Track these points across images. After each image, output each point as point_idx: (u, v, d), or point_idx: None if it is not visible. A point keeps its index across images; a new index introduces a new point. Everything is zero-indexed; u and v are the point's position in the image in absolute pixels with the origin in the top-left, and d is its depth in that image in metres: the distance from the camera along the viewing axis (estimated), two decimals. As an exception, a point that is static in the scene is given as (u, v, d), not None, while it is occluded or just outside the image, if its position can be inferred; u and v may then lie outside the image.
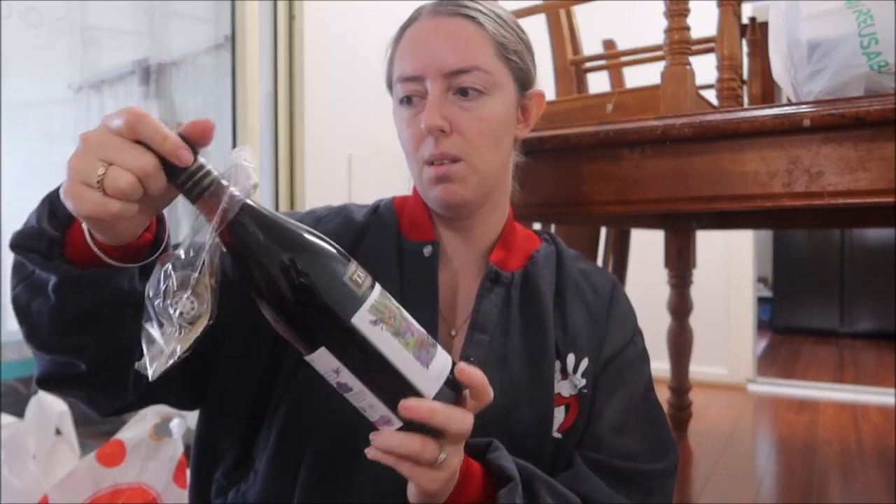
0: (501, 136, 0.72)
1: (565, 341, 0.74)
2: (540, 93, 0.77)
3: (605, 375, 0.75)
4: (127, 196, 0.47)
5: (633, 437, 0.73)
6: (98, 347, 0.59)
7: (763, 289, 4.69)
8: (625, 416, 0.74)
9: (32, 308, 0.57)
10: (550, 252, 0.80)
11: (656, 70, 1.16)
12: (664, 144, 1.01)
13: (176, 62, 2.25)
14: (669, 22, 1.11)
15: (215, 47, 2.15)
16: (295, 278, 0.48)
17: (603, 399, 0.74)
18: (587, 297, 0.78)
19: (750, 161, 0.95)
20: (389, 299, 0.52)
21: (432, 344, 0.53)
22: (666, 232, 2.29)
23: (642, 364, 0.79)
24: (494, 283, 0.74)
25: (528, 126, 0.77)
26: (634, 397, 0.76)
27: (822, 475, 2.00)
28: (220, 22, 2.12)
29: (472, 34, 0.70)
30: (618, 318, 0.78)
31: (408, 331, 0.51)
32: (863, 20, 0.91)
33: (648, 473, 0.72)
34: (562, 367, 0.73)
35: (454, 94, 0.69)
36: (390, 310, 0.51)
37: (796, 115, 0.91)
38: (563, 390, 0.73)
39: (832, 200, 0.90)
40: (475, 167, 0.70)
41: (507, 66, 0.72)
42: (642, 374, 0.78)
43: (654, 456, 0.74)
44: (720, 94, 1.20)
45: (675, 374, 2.39)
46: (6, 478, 1.16)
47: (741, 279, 3.18)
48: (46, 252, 0.56)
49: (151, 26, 2.32)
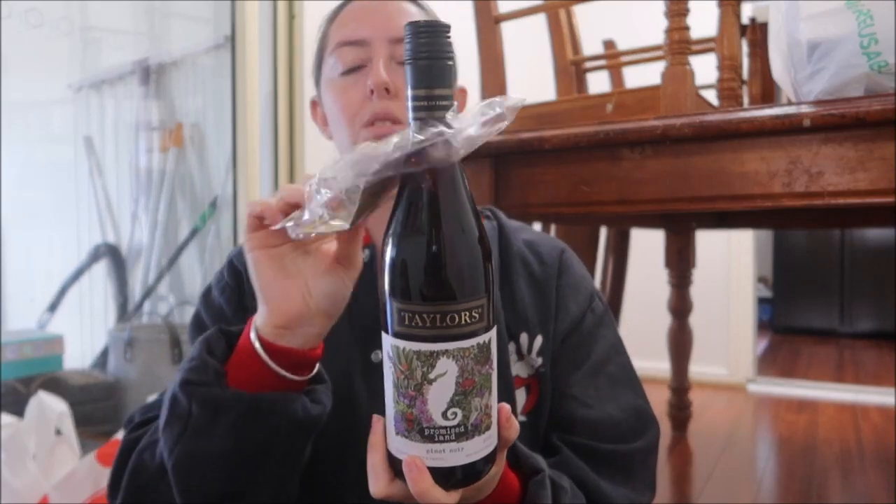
0: None
1: (516, 320, 0.72)
2: (463, 89, 0.77)
3: (565, 349, 0.73)
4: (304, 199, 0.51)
5: (609, 406, 0.71)
6: (262, 489, 0.58)
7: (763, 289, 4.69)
8: (595, 388, 0.72)
9: (198, 460, 0.56)
10: (492, 229, 0.77)
11: (656, 70, 1.16)
12: (664, 144, 1.01)
13: (176, 62, 2.25)
14: (669, 22, 1.11)
15: (215, 47, 2.15)
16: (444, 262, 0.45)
17: (567, 375, 0.72)
18: (534, 269, 0.75)
19: (750, 161, 0.95)
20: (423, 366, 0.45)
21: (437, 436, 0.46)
22: (666, 232, 2.29)
23: (605, 329, 0.76)
24: None
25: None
26: (602, 366, 0.73)
27: (822, 475, 2.00)
28: (220, 22, 2.12)
29: (412, 9, 0.72)
30: (570, 287, 0.75)
31: (409, 400, 0.46)
32: (863, 20, 0.91)
33: (631, 453, 0.71)
34: (517, 349, 0.72)
35: (398, 63, 0.69)
36: (412, 370, 0.46)
37: (796, 115, 0.91)
38: (520, 371, 0.72)
39: (832, 200, 0.90)
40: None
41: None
42: (606, 340, 0.75)
43: (636, 427, 0.72)
44: (720, 94, 1.20)
45: (675, 374, 2.39)
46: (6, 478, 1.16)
47: (741, 279, 3.18)
48: (215, 383, 0.55)
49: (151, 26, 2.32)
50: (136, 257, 2.23)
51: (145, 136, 2.21)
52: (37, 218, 2.13)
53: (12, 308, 2.06)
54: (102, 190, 2.24)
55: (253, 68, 2.04)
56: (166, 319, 2.06)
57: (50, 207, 2.18)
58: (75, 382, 1.77)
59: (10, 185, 1.92)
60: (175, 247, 2.21)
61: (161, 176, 2.22)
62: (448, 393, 0.45)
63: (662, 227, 2.24)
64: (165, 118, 2.23)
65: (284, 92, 2.14)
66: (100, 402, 1.80)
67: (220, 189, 2.15)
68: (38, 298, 2.07)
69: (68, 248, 2.17)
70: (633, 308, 2.50)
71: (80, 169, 2.21)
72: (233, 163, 2.07)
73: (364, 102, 0.69)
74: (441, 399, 0.45)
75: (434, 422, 0.46)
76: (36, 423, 1.27)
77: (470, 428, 0.46)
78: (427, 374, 0.45)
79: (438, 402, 0.45)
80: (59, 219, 2.21)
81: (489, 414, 0.48)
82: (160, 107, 2.23)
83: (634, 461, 0.71)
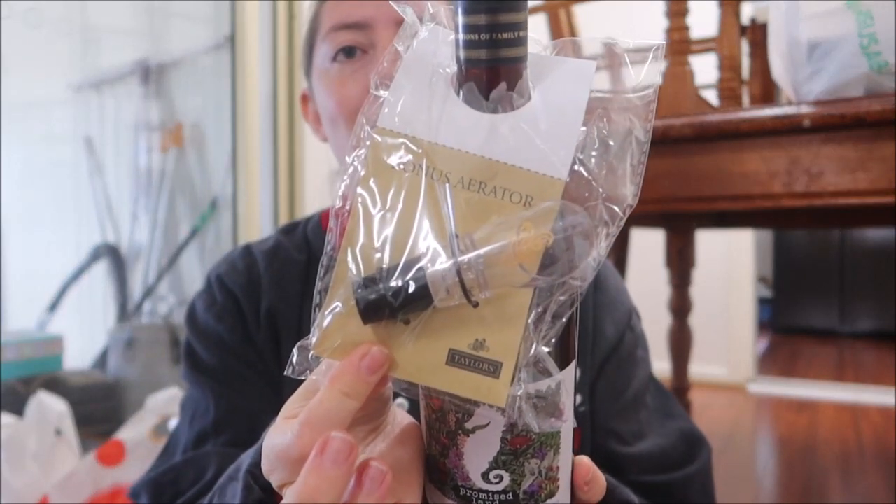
0: None
1: None
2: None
3: (604, 377, 0.64)
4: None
5: (654, 437, 0.63)
6: None
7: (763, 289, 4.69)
8: (638, 422, 0.63)
9: None
10: None
11: (656, 70, 1.16)
12: (664, 144, 1.01)
13: (176, 62, 2.25)
14: (669, 22, 1.11)
15: (215, 47, 2.15)
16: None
17: (607, 407, 0.63)
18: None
19: (750, 161, 0.95)
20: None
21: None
22: (666, 232, 2.29)
23: (642, 351, 0.68)
24: None
25: None
26: (642, 395, 0.65)
27: (822, 475, 2.00)
28: (220, 22, 2.12)
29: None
30: (605, 306, 0.65)
31: (442, 447, 0.35)
32: (863, 20, 0.91)
33: (685, 481, 0.62)
34: None
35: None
36: (445, 414, 0.34)
37: (796, 115, 0.91)
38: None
39: (832, 200, 0.90)
40: None
41: None
42: (645, 364, 0.67)
43: (687, 452, 0.64)
44: (720, 94, 1.20)
45: (675, 374, 2.39)
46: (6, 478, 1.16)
47: (741, 279, 3.18)
48: None
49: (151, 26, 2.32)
50: (135, 257, 2.23)
51: (145, 136, 2.21)
52: (37, 218, 2.13)
53: (12, 308, 2.06)
54: (102, 190, 2.24)
55: (253, 68, 2.04)
56: (166, 319, 2.06)
57: (50, 207, 2.18)
58: (75, 382, 1.77)
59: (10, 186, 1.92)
60: (175, 247, 2.21)
61: (161, 176, 2.22)
62: (490, 451, 0.33)
63: (662, 227, 2.24)
64: (165, 118, 2.23)
65: (284, 92, 2.14)
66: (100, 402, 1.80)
67: (220, 189, 2.15)
68: (38, 298, 2.07)
69: (68, 248, 2.17)
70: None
71: (80, 169, 2.21)
72: (233, 163, 2.07)
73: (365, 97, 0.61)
74: (481, 458, 0.33)
75: (472, 482, 0.34)
76: (36, 423, 1.27)
77: (522, 497, 0.34)
78: (463, 424, 0.33)
79: (477, 462, 0.34)
80: (59, 219, 2.21)
81: (553, 479, 0.35)
82: (160, 107, 2.23)
83: (693, 487, 0.63)
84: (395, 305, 0.29)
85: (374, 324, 0.30)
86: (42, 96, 2.20)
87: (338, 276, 0.31)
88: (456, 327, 0.29)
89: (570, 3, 1.66)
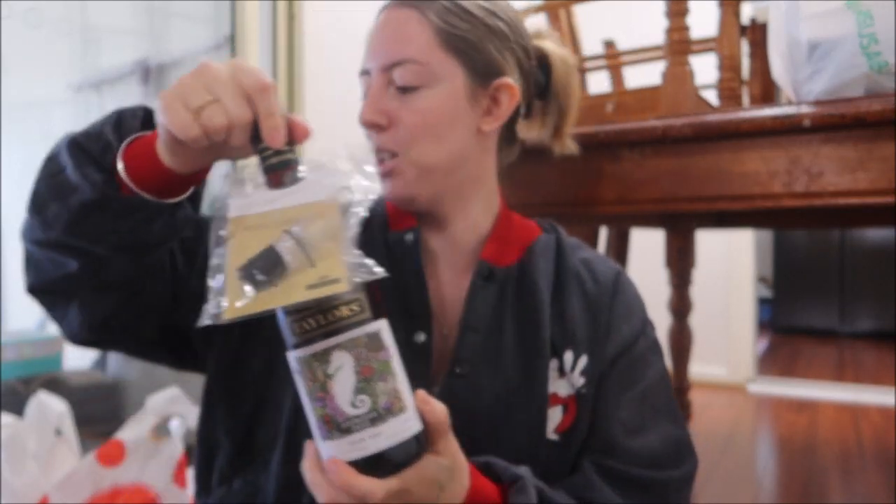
0: (444, 128, 0.68)
1: (563, 337, 0.70)
2: (508, 83, 0.70)
3: (615, 371, 0.71)
4: (210, 133, 0.52)
5: (652, 436, 0.69)
6: (105, 254, 0.60)
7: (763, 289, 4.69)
8: (641, 415, 0.70)
9: (50, 210, 0.59)
10: (550, 242, 0.75)
11: (656, 70, 1.16)
12: (664, 144, 1.01)
13: (176, 62, 2.25)
14: (669, 22, 1.11)
15: (215, 47, 2.15)
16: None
17: (614, 398, 0.70)
18: (588, 287, 0.73)
19: (750, 161, 0.95)
20: (326, 364, 0.50)
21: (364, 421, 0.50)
22: (666, 232, 2.29)
23: (655, 356, 0.74)
24: (488, 279, 0.71)
25: (497, 119, 0.71)
26: (650, 393, 0.71)
27: (822, 475, 2.00)
28: (220, 22, 2.12)
29: (412, 25, 0.68)
30: (623, 309, 0.73)
31: (321, 401, 0.50)
32: (863, 20, 0.91)
33: (666, 482, 0.68)
34: (559, 365, 0.69)
35: (395, 88, 0.68)
36: (314, 373, 0.50)
37: (796, 115, 0.91)
38: (560, 389, 0.69)
39: (832, 200, 0.90)
40: (413, 161, 0.68)
41: (455, 55, 0.68)
42: (656, 368, 0.73)
43: (675, 457, 0.70)
44: (720, 94, 1.20)
45: (675, 374, 2.39)
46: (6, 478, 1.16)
47: (741, 279, 3.18)
48: (100, 156, 0.58)
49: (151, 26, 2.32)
50: (136, 257, 2.22)
51: (145, 136, 2.21)
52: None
53: (12, 308, 2.06)
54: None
55: (253, 68, 2.04)
56: (166, 319, 2.05)
57: (50, 207, 2.18)
58: (75, 382, 1.76)
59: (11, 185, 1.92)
60: (175, 247, 2.21)
61: (161, 176, 2.21)
62: (350, 382, 0.50)
63: (662, 227, 2.25)
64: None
65: (284, 92, 2.14)
66: (100, 402, 1.80)
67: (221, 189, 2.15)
68: (38, 298, 2.07)
69: (68, 248, 2.17)
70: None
71: (80, 169, 2.21)
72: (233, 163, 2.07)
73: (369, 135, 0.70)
74: (346, 390, 0.50)
75: (346, 413, 0.50)
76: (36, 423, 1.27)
77: (382, 411, 0.50)
78: (326, 371, 0.50)
79: (344, 393, 0.50)
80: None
81: (400, 398, 0.51)
82: (160, 107, 2.22)
83: (668, 490, 0.69)
84: (269, 278, 0.49)
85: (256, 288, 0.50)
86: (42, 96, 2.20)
87: (230, 262, 0.50)
88: (304, 271, 0.49)
89: (570, 3, 1.66)
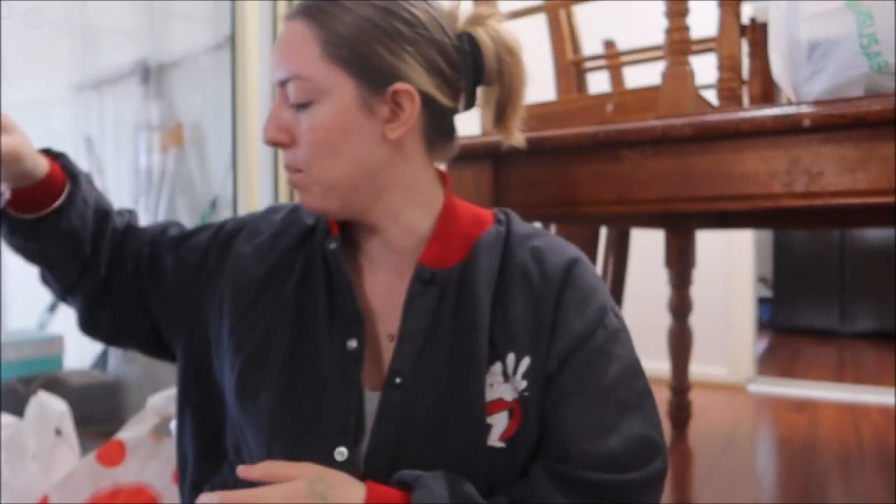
0: (338, 143, 0.65)
1: (506, 339, 0.66)
2: (405, 88, 0.65)
3: (569, 369, 0.66)
4: None
5: (614, 437, 0.64)
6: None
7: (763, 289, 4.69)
8: (601, 415, 0.65)
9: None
10: (497, 235, 0.71)
11: (656, 70, 1.16)
12: (664, 144, 1.01)
13: (176, 62, 2.25)
14: (669, 22, 1.11)
15: (215, 47, 2.15)
16: None
17: (570, 398, 0.65)
18: (533, 282, 0.68)
19: (750, 161, 0.95)
20: None
21: None
22: (666, 232, 2.29)
23: (620, 348, 0.68)
24: (428, 283, 0.68)
25: (404, 124, 0.67)
26: (612, 390, 0.66)
27: (822, 475, 2.00)
28: (220, 22, 2.12)
29: (300, 38, 0.65)
30: (574, 302, 0.67)
31: None
32: (863, 20, 0.91)
33: (622, 485, 0.63)
34: (503, 369, 0.66)
35: (292, 105, 0.66)
36: None
37: (796, 115, 0.91)
38: (505, 394, 0.65)
39: (832, 200, 0.90)
40: (314, 178, 0.67)
41: (340, 65, 0.64)
42: (621, 360, 0.67)
43: (639, 458, 0.64)
44: (720, 94, 1.20)
45: (675, 374, 2.39)
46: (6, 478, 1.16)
47: (741, 279, 3.18)
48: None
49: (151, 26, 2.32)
50: (136, 257, 2.22)
51: (145, 136, 2.21)
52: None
53: (12, 308, 2.06)
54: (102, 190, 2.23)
55: (253, 68, 2.03)
56: (166, 319, 2.05)
57: (50, 207, 2.18)
58: (75, 382, 1.77)
59: (10, 185, 1.92)
60: (175, 247, 2.21)
61: (161, 176, 2.22)
62: None
63: (662, 227, 2.25)
64: (165, 118, 2.23)
65: (284, 92, 2.13)
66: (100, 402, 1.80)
67: (220, 189, 2.15)
68: (38, 298, 2.07)
69: (68, 248, 2.17)
70: (633, 308, 2.50)
71: (80, 169, 2.21)
72: (233, 163, 2.07)
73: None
74: None
75: None
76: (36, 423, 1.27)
77: None
78: None
79: None
80: (59, 219, 2.20)
81: None
82: (160, 107, 2.23)
83: (629, 493, 0.63)
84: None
85: None
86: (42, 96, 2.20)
87: None
88: None
89: (570, 3, 1.66)
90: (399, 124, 0.67)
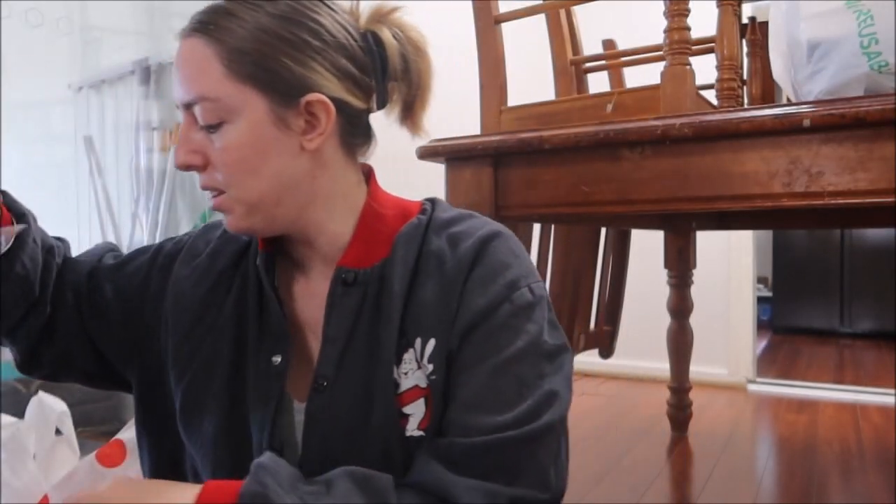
0: (257, 162, 0.64)
1: (414, 326, 0.64)
2: (318, 99, 0.64)
3: (468, 345, 0.63)
4: None
5: (503, 414, 0.59)
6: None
7: (763, 289, 4.69)
8: (494, 391, 0.61)
9: None
10: (417, 226, 0.69)
11: (656, 70, 1.16)
12: (664, 144, 1.01)
13: (176, 62, 2.25)
14: (669, 22, 1.11)
15: (215, 47, 2.15)
16: None
17: (464, 372, 0.62)
18: (446, 267, 0.66)
19: (750, 161, 0.95)
20: None
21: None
22: (666, 232, 2.29)
23: (529, 324, 0.64)
24: (351, 284, 0.67)
25: (321, 133, 0.65)
26: (512, 364, 0.62)
27: (822, 475, 2.00)
28: (220, 22, 2.12)
29: (198, 57, 0.62)
30: (480, 279, 0.65)
31: None
32: (863, 20, 0.91)
33: (504, 443, 0.58)
34: (414, 355, 0.64)
35: (202, 126, 0.64)
36: None
37: (796, 115, 0.91)
38: (420, 381, 0.64)
39: (832, 200, 0.90)
40: (236, 198, 0.65)
41: (247, 82, 0.62)
42: (528, 335, 0.64)
43: (522, 416, 0.60)
44: (720, 94, 1.20)
45: (674, 374, 2.39)
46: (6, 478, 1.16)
47: (741, 279, 3.18)
48: None
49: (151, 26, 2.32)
50: (136, 257, 2.22)
51: (145, 136, 2.21)
52: (37, 218, 2.13)
53: (12, 308, 2.06)
54: (102, 190, 2.24)
55: (253, 68, 2.04)
56: (166, 319, 2.06)
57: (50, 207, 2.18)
58: (75, 382, 1.76)
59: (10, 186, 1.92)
60: (175, 247, 2.21)
61: (161, 176, 2.22)
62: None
63: (662, 227, 2.25)
64: (165, 118, 2.23)
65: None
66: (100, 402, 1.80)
67: (220, 189, 2.15)
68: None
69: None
70: (633, 308, 2.50)
71: (80, 169, 2.21)
72: None
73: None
74: None
75: None
76: (36, 423, 1.27)
77: None
78: None
79: None
80: (59, 219, 2.21)
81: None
82: (160, 107, 2.23)
83: (511, 451, 0.59)
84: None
85: None
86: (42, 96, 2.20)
87: None
88: None
89: (570, 3, 1.66)
90: (316, 135, 0.65)
